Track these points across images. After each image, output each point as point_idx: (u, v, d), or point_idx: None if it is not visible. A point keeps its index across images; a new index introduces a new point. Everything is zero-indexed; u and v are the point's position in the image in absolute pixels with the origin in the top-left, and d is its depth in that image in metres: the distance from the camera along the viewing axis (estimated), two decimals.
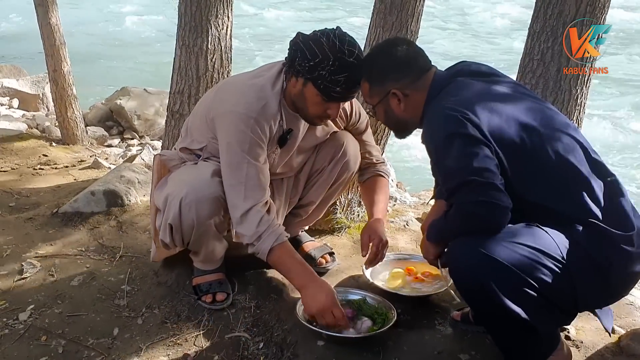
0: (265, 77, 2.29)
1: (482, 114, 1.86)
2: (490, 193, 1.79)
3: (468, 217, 1.86)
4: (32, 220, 3.28)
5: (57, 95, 4.88)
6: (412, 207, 3.79)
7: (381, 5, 2.85)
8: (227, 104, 2.28)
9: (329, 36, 2.14)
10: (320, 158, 2.59)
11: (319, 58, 2.13)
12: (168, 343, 2.32)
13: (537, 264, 1.81)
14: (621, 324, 2.41)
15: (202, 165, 2.37)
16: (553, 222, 1.87)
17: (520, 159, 1.86)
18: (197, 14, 3.21)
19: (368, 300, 2.38)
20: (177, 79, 3.36)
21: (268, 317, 2.42)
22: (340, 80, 2.14)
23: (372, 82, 2.13)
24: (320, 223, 3.01)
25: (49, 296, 2.60)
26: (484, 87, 2.00)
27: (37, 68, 5.13)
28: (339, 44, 2.13)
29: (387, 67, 2.10)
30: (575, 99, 2.53)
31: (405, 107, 2.09)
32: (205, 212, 2.29)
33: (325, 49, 2.13)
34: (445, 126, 1.88)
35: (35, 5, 4.65)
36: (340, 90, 2.17)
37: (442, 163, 1.91)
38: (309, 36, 2.19)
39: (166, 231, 2.35)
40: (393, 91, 2.08)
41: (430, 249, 2.11)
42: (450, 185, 1.89)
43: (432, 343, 2.23)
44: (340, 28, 2.20)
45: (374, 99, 2.14)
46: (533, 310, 1.83)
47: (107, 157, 4.67)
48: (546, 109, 1.99)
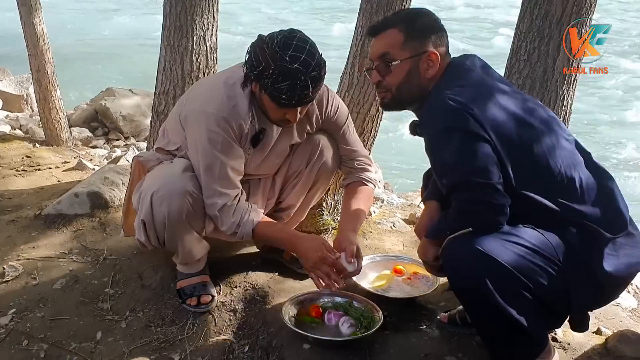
0: (237, 76, 2.26)
1: (487, 109, 1.84)
2: (488, 192, 1.80)
3: (466, 216, 1.86)
4: (14, 222, 3.23)
5: (40, 96, 4.82)
6: (399, 209, 3.78)
7: (367, 5, 2.84)
8: (197, 103, 2.27)
9: (273, 42, 2.08)
10: (297, 160, 2.55)
11: (262, 65, 2.09)
12: (152, 347, 2.30)
13: (532, 264, 1.81)
14: (608, 325, 2.41)
15: (175, 162, 2.37)
16: (548, 223, 1.87)
17: (519, 157, 1.85)
18: (182, 14, 3.19)
19: (354, 303, 2.36)
20: (162, 79, 3.33)
21: (254, 320, 2.40)
22: (284, 88, 2.09)
23: (412, 35, 1.99)
24: (307, 225, 2.99)
25: (31, 300, 2.57)
26: (491, 83, 1.97)
27: (22, 68, 5.06)
28: (280, 50, 2.06)
29: (432, 27, 2.01)
30: (562, 99, 2.53)
31: (431, 75, 1.99)
32: (176, 206, 2.26)
33: (267, 55, 2.08)
34: (446, 118, 1.85)
35: (18, 5, 4.58)
36: (286, 97, 2.12)
37: (439, 155, 1.90)
38: (257, 41, 2.14)
39: (140, 228, 2.34)
40: (433, 51, 1.98)
41: (429, 250, 2.06)
42: (448, 182, 1.89)
43: (419, 345, 2.21)
44: (292, 30, 2.15)
45: (405, 53, 2.00)
46: (527, 312, 1.83)
47: (91, 158, 4.62)
48: (543, 110, 1.99)
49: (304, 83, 2.08)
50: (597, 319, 2.44)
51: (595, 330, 2.35)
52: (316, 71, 2.09)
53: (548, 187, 1.87)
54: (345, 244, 2.31)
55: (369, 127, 2.98)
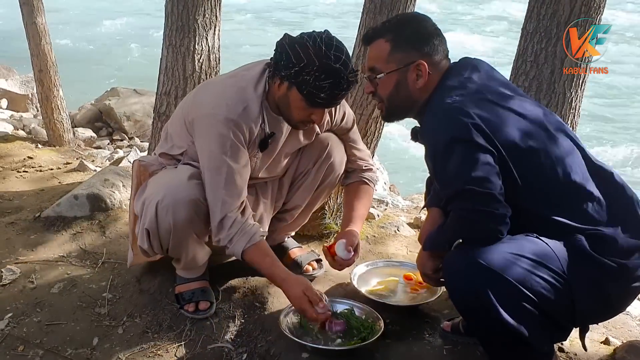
0: (247, 78, 2.23)
1: (489, 118, 1.79)
2: (487, 202, 1.76)
3: (464, 226, 1.83)
4: (13, 224, 3.20)
5: (43, 96, 4.80)
6: (404, 211, 3.73)
7: (371, 5, 2.81)
8: (207, 106, 2.23)
9: (316, 40, 2.08)
10: (304, 161, 2.53)
11: (304, 62, 2.07)
12: (148, 354, 2.27)
13: (536, 276, 1.75)
14: (616, 335, 2.36)
15: (180, 168, 2.31)
16: (553, 232, 1.82)
17: (524, 165, 1.81)
18: (184, 14, 3.17)
19: (355, 311, 2.32)
20: (164, 79, 3.31)
21: (252, 327, 2.36)
22: (325, 87, 2.08)
23: (397, 46, 1.96)
24: (309, 229, 2.96)
25: (28, 304, 2.54)
26: (493, 88, 1.92)
27: (28, 68, 5.05)
28: (325, 48, 2.06)
29: (419, 35, 1.97)
30: (570, 102, 2.48)
31: (421, 85, 1.96)
32: (183, 215, 2.22)
33: (311, 53, 2.06)
34: (449, 129, 1.81)
35: (20, 5, 4.57)
36: (324, 96, 2.11)
37: (441, 167, 1.85)
38: (296, 39, 2.12)
39: (144, 237, 2.29)
40: (420, 62, 1.94)
41: (427, 263, 2.02)
42: (448, 192, 1.85)
43: (421, 355, 2.17)
44: (328, 32, 2.14)
45: (391, 65, 1.97)
46: (530, 325, 1.77)
47: (93, 159, 4.59)
48: (551, 116, 1.95)
49: (345, 84, 2.10)
50: (605, 329, 2.39)
51: (603, 340, 2.30)
52: (353, 72, 2.12)
53: (554, 194, 1.83)
54: (347, 236, 2.35)
55: (372, 128, 2.94)
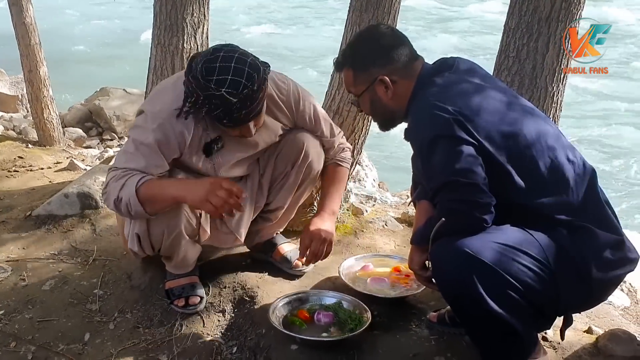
0: None
1: (472, 113, 1.83)
2: (472, 192, 1.79)
3: (449, 216, 1.84)
4: (4, 223, 3.22)
5: (32, 96, 4.79)
6: (393, 207, 3.76)
7: (357, 3, 2.81)
8: (146, 102, 2.27)
9: (195, 70, 2.00)
10: (282, 162, 2.49)
11: (193, 98, 2.03)
12: (140, 349, 2.30)
13: (521, 265, 1.79)
14: (599, 324, 2.40)
15: None
16: (538, 224, 1.85)
17: (505, 153, 1.84)
18: (172, 13, 3.18)
19: (343, 304, 2.34)
20: (153, 78, 3.32)
21: (242, 321, 2.39)
22: (221, 115, 2.04)
23: (357, 69, 2.03)
24: (297, 224, 2.97)
25: (20, 301, 2.56)
26: (475, 85, 1.95)
27: (18, 69, 5.03)
28: (203, 79, 1.98)
29: (373, 52, 2.01)
30: (552, 96, 2.50)
31: (393, 96, 2.00)
32: (174, 222, 2.23)
33: (194, 86, 2.01)
34: (432, 127, 1.85)
35: (9, 5, 4.55)
36: (228, 120, 2.07)
37: (427, 164, 1.89)
38: (187, 69, 2.07)
39: (134, 240, 2.28)
40: (380, 77, 1.98)
41: (415, 257, 2.04)
42: (434, 185, 1.88)
43: (408, 345, 2.20)
44: (215, 49, 2.05)
45: (359, 87, 2.04)
46: (516, 313, 1.81)
47: (83, 158, 4.60)
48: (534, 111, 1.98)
49: (238, 105, 2.01)
50: (588, 318, 2.42)
51: (586, 329, 2.33)
52: (248, 88, 2.00)
53: (535, 184, 1.85)
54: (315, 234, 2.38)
55: (360, 125, 2.95)
